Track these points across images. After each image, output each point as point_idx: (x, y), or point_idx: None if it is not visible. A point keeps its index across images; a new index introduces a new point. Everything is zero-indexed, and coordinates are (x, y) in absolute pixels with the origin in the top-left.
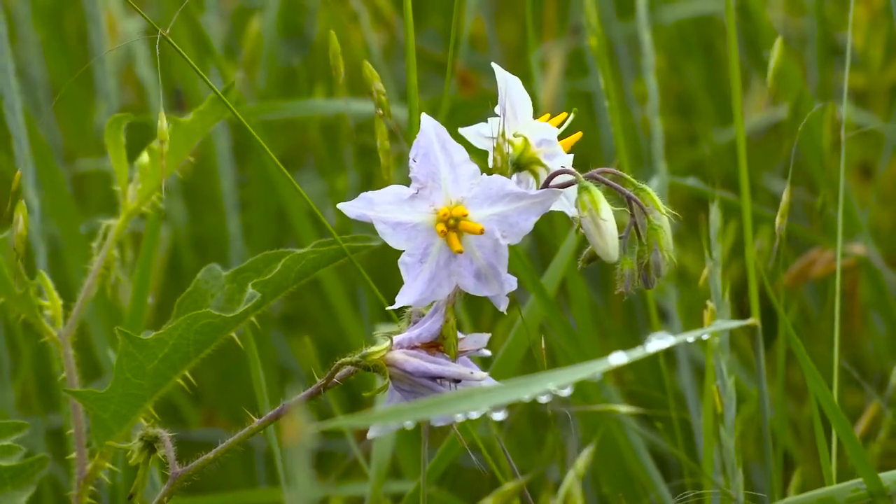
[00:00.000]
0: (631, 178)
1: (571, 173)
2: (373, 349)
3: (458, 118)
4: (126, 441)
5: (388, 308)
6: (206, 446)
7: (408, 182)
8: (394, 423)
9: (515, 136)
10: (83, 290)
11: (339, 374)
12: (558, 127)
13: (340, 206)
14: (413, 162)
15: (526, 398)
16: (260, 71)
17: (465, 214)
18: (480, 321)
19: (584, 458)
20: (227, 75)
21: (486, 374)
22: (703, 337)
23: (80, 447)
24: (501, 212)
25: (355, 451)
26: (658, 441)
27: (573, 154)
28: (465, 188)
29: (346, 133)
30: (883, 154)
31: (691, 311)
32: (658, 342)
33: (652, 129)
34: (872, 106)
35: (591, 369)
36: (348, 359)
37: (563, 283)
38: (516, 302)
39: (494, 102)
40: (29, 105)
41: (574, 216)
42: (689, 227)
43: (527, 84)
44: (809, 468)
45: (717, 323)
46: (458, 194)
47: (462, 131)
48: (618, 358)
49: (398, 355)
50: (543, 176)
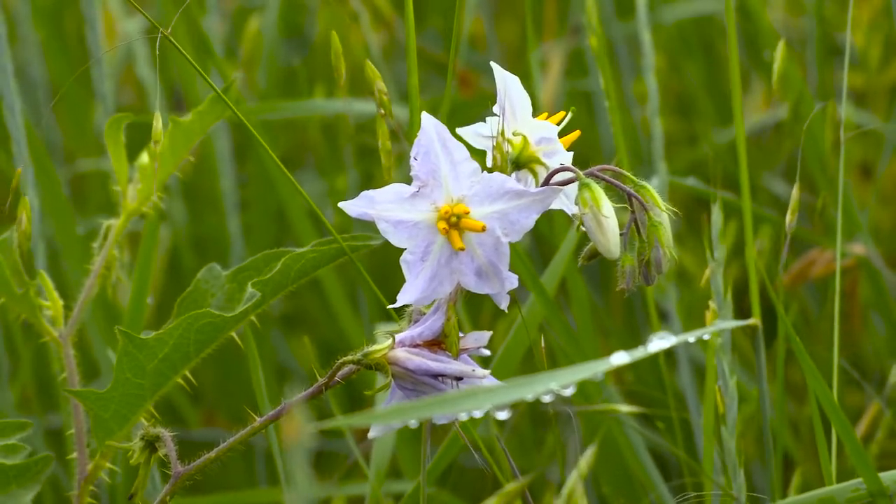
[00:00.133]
0: (630, 175)
1: (572, 171)
2: (375, 347)
3: (457, 118)
4: (127, 441)
5: (390, 306)
6: (205, 446)
7: (408, 181)
8: (396, 421)
9: (515, 134)
10: (84, 291)
11: (340, 372)
12: (557, 125)
13: (342, 205)
14: (414, 160)
15: (529, 398)
16: (260, 71)
17: (467, 212)
18: (480, 319)
19: (587, 458)
20: (226, 75)
21: (487, 372)
22: (704, 337)
23: (81, 447)
24: (502, 209)
25: (355, 451)
26: (658, 441)
27: (572, 153)
28: (465, 186)
29: (347, 133)
30: (883, 154)
31: (691, 311)
32: (659, 342)
33: (652, 129)
34: (872, 106)
35: (593, 369)
36: (350, 357)
37: (562, 282)
38: (516, 300)
39: (494, 102)
40: (29, 105)
41: (574, 214)
42: (689, 227)
43: (526, 84)
44: (809, 468)
45: (718, 323)
46: (458, 192)
47: (460, 131)
48: (620, 358)
49: (400, 353)
50: (542, 175)
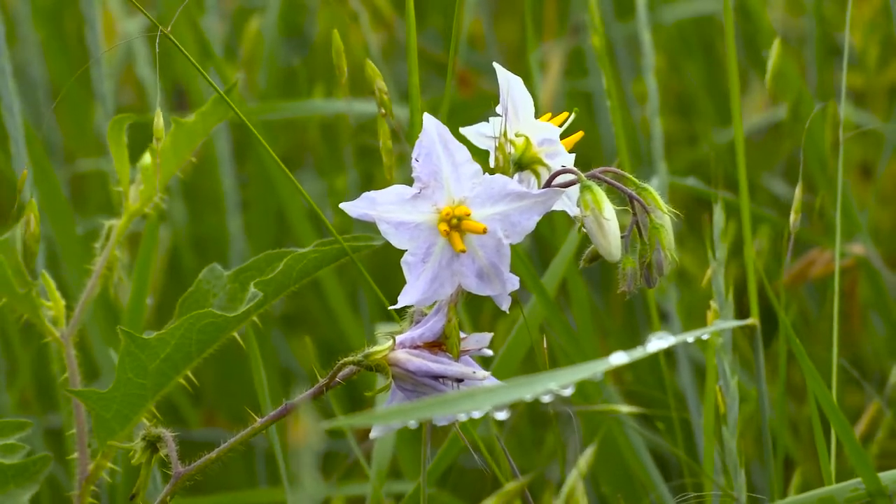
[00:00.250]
0: (632, 177)
1: (573, 172)
2: (375, 348)
3: (457, 118)
4: (128, 441)
5: (391, 308)
6: (206, 446)
7: (408, 182)
8: (397, 422)
9: (517, 135)
10: (85, 291)
11: (341, 373)
12: (559, 127)
13: (343, 206)
14: (415, 161)
15: (528, 398)
16: (260, 71)
17: (468, 214)
18: (480, 320)
19: (587, 457)
20: (226, 76)
21: (488, 374)
22: (704, 337)
23: (82, 447)
24: (503, 211)
25: (356, 451)
26: (658, 441)
27: (574, 154)
28: (467, 188)
29: (346, 133)
30: (883, 154)
31: (691, 312)
32: (658, 342)
33: (652, 129)
34: (871, 106)
35: (592, 369)
36: (351, 358)
37: (563, 283)
38: (518, 301)
39: (494, 102)
40: (29, 105)
41: (576, 215)
42: (690, 227)
43: (526, 84)
44: (809, 468)
45: (717, 323)
46: (460, 194)
47: (463, 131)
48: (619, 358)
49: (401, 355)
50: (545, 175)
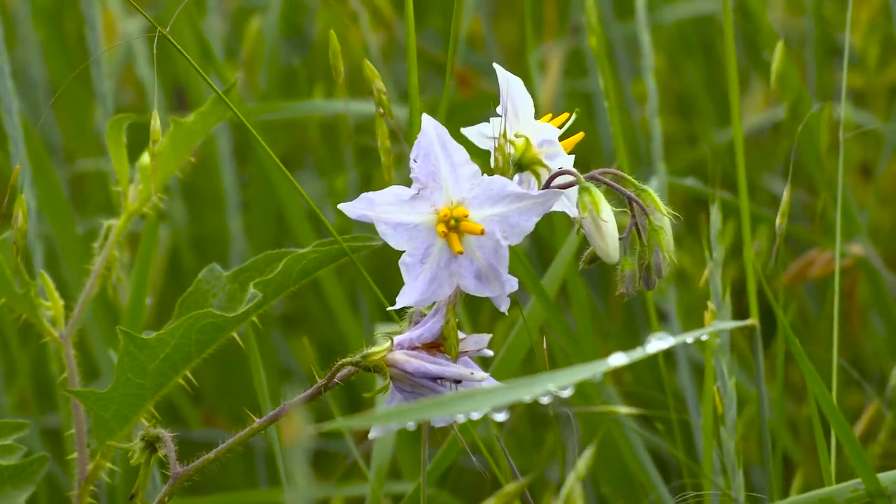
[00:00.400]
0: (632, 178)
1: (572, 174)
2: (373, 349)
3: (456, 118)
4: (127, 441)
5: (389, 308)
6: (205, 446)
7: (407, 182)
8: (395, 423)
9: (517, 136)
10: (84, 291)
11: (339, 374)
12: (559, 127)
13: (341, 207)
14: (414, 162)
15: (527, 399)
16: (260, 71)
17: (466, 215)
18: (479, 321)
19: (586, 458)
20: (226, 76)
21: (486, 375)
22: (703, 338)
23: (81, 447)
24: (502, 212)
25: (355, 452)
26: (658, 441)
27: (574, 155)
28: (465, 188)
29: (346, 133)
30: (882, 154)
31: (690, 312)
32: (657, 343)
33: (651, 129)
34: (871, 106)
35: (591, 370)
36: (349, 359)
37: (562, 285)
38: (517, 302)
39: (493, 103)
40: (28, 105)
41: (575, 217)
42: (688, 228)
43: (525, 84)
44: (808, 468)
45: (716, 323)
46: (458, 195)
47: (464, 131)
48: (618, 359)
49: (399, 356)
50: (545, 176)
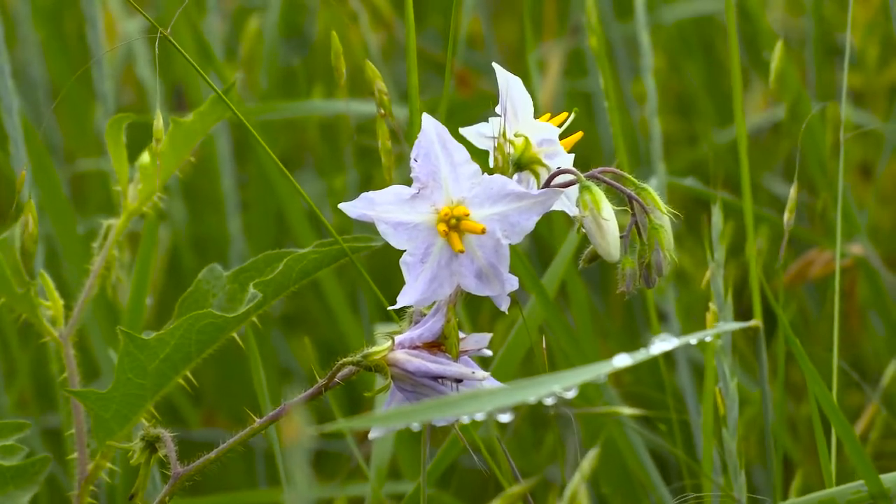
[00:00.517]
0: (632, 177)
1: (572, 173)
2: (374, 349)
3: (456, 118)
4: (127, 441)
5: (390, 308)
6: (205, 446)
7: (407, 182)
8: (399, 424)
9: (516, 135)
10: (84, 290)
11: (340, 373)
12: (559, 127)
13: (342, 206)
14: (414, 162)
15: (531, 400)
16: (260, 71)
17: (467, 214)
18: (478, 321)
19: (590, 459)
20: (226, 76)
21: (487, 374)
22: (707, 339)
23: (82, 447)
24: (502, 211)
25: (355, 452)
26: (658, 442)
27: (573, 154)
28: (465, 188)
29: (346, 133)
30: (882, 154)
31: (689, 312)
32: (662, 344)
33: (651, 129)
34: (871, 106)
35: (595, 371)
36: (350, 359)
37: (561, 284)
38: (517, 302)
39: (492, 102)
40: (29, 105)
41: (575, 216)
42: (688, 228)
43: (525, 84)
44: (807, 468)
45: (720, 325)
46: (459, 194)
47: (463, 131)
48: (622, 360)
49: (400, 355)
50: (544, 175)
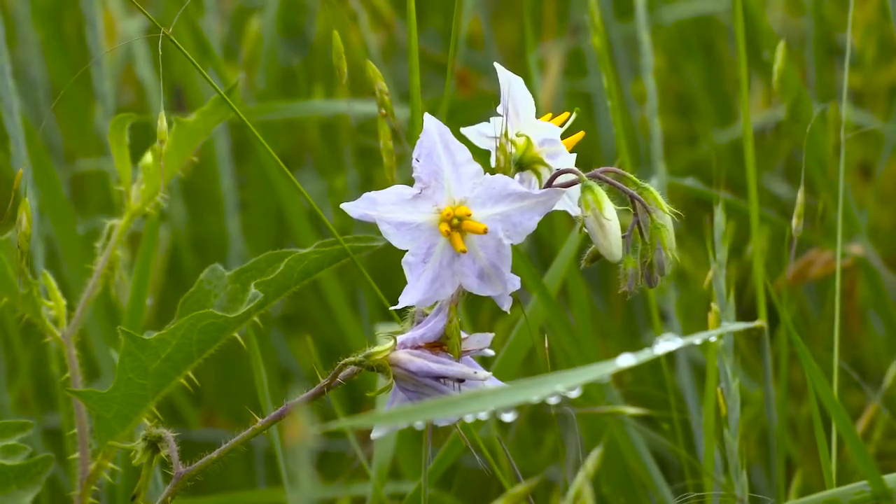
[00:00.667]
0: (633, 177)
1: (574, 173)
2: (376, 349)
3: (456, 118)
4: (129, 441)
5: (392, 308)
6: (206, 446)
7: (408, 182)
8: (402, 423)
9: (518, 135)
10: (86, 291)
11: (342, 374)
12: (560, 127)
13: (344, 207)
14: (416, 162)
15: (535, 399)
16: (260, 71)
17: (469, 214)
18: (479, 320)
19: (593, 459)
20: (226, 76)
21: (489, 374)
22: (712, 339)
23: (83, 447)
24: (504, 211)
25: (359, 452)
26: (660, 441)
27: (575, 154)
28: (467, 188)
29: (346, 133)
30: (882, 154)
31: (689, 312)
32: (666, 344)
33: (651, 129)
34: (871, 106)
35: (599, 371)
36: (352, 358)
37: (562, 284)
38: (518, 302)
39: (493, 102)
40: (29, 105)
41: (577, 215)
42: (688, 228)
43: (525, 84)
44: (807, 468)
45: (724, 325)
46: (461, 194)
47: (464, 131)
48: (626, 359)
49: (402, 355)
50: (546, 175)
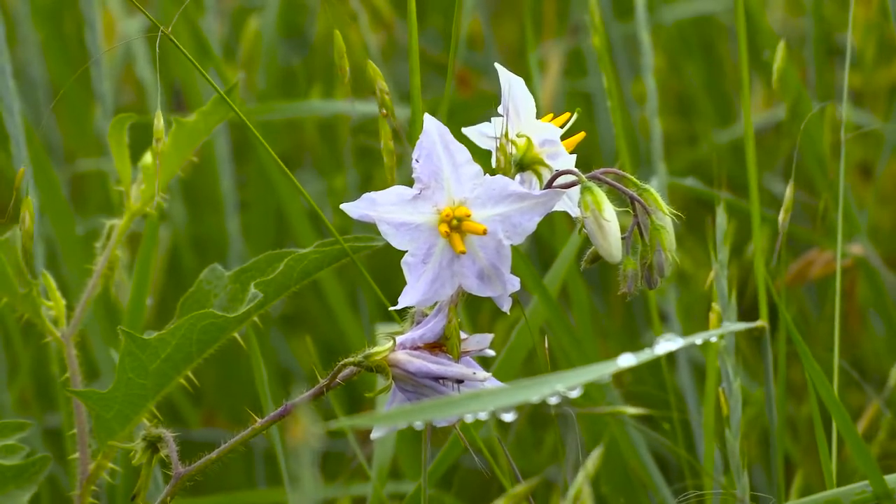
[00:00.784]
0: (633, 178)
1: (574, 174)
2: (375, 349)
3: (456, 118)
4: (128, 441)
5: (391, 308)
6: (205, 446)
7: (408, 182)
8: (401, 423)
9: (519, 136)
10: (86, 291)
11: (341, 374)
12: (561, 127)
13: (343, 207)
14: (416, 162)
15: (535, 400)
16: (259, 71)
17: (468, 215)
18: (479, 321)
19: (594, 459)
20: (226, 76)
21: (489, 375)
22: (713, 339)
23: (83, 447)
24: (504, 212)
25: (358, 453)
26: (659, 441)
27: (575, 155)
28: (467, 188)
29: (346, 133)
30: (882, 154)
31: (689, 312)
32: (667, 344)
33: (651, 129)
34: (871, 106)
35: (599, 371)
36: (351, 359)
37: (562, 285)
38: (518, 302)
39: (493, 102)
40: (29, 105)
41: (577, 216)
42: (688, 228)
43: (526, 84)
44: (807, 468)
45: (725, 325)
46: (460, 195)
47: (465, 131)
48: (626, 360)
49: (401, 356)
50: (547, 176)
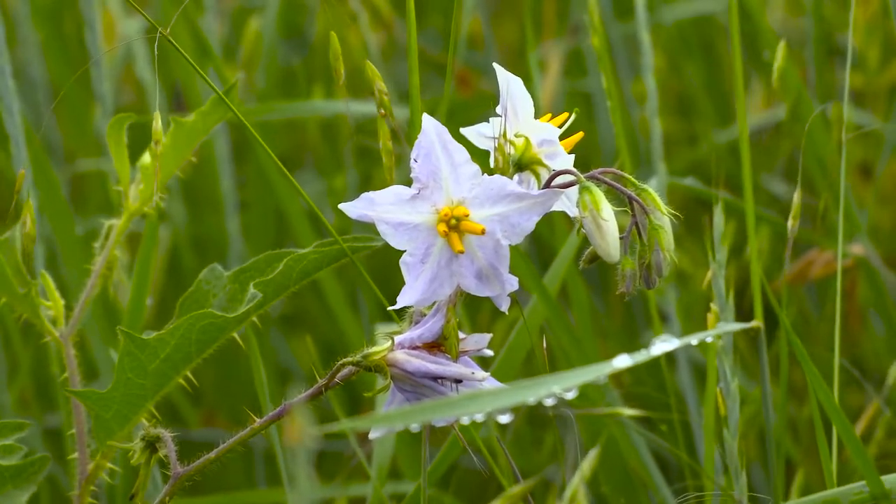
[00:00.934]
0: (632, 178)
1: (573, 173)
2: (374, 349)
3: (456, 118)
4: (127, 441)
5: (390, 308)
6: (205, 446)
7: (407, 182)
8: (400, 424)
9: (517, 136)
10: (85, 291)
11: (340, 374)
12: (559, 127)
13: (342, 207)
14: (414, 162)
15: (531, 401)
16: (259, 71)
17: (467, 214)
18: (478, 321)
19: (590, 460)
20: (225, 76)
21: (487, 375)
22: (708, 339)
23: (82, 447)
24: (502, 212)
25: (358, 452)
26: (659, 442)
27: (574, 155)
28: (466, 188)
29: (346, 133)
30: (882, 154)
31: (689, 312)
32: (663, 345)
33: (651, 129)
34: (871, 106)
35: (595, 372)
36: (350, 359)
37: (562, 285)
38: (517, 302)
39: (493, 102)
40: (29, 106)
41: (575, 216)
42: (688, 228)
43: (526, 84)
44: (807, 468)
45: (721, 325)
46: (459, 194)
47: (463, 131)
48: (622, 361)
49: (399, 355)
50: (545, 176)
